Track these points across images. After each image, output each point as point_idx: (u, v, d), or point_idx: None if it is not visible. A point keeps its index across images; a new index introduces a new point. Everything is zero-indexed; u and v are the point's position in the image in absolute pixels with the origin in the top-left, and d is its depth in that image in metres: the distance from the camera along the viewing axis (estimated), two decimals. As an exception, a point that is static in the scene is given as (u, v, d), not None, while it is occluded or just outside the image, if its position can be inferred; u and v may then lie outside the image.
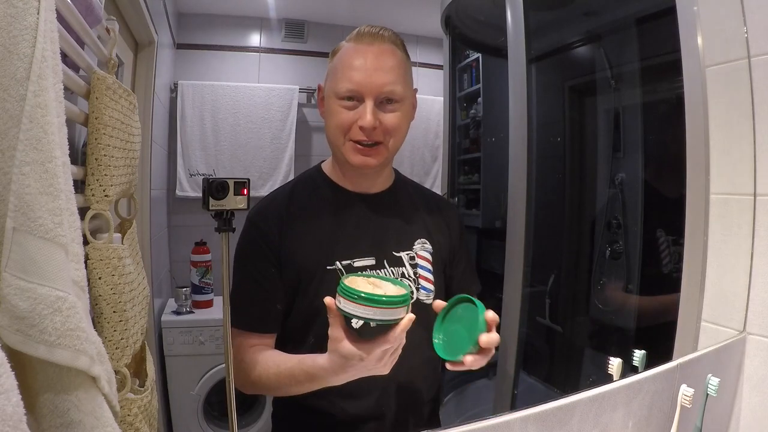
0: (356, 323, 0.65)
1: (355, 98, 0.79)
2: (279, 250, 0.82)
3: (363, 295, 0.60)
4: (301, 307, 0.82)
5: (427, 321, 0.84)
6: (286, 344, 0.86)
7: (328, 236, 0.84)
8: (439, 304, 0.74)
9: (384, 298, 0.61)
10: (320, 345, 0.71)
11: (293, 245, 0.82)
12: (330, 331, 0.66)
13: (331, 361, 0.67)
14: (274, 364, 0.77)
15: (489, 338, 0.65)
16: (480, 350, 0.67)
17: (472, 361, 0.66)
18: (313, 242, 0.83)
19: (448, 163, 2.11)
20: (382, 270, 0.84)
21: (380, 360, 0.65)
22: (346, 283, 0.63)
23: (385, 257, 0.85)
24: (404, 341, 0.66)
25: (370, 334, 0.64)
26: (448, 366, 0.69)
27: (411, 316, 0.64)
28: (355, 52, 0.80)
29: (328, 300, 0.65)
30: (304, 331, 0.83)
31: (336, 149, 0.83)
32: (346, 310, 0.61)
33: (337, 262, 0.82)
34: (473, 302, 0.68)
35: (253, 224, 0.84)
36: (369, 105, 0.77)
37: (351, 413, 0.83)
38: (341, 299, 0.62)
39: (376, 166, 0.82)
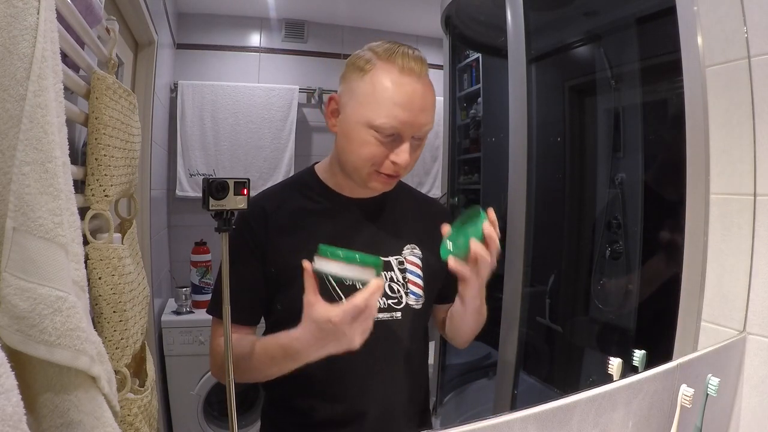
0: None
1: (393, 136, 0.76)
2: (263, 247, 0.82)
3: (339, 253, 0.66)
4: (282, 304, 0.83)
5: (415, 326, 0.83)
6: None
7: (313, 237, 0.83)
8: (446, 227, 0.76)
9: (357, 256, 0.66)
10: None
11: (278, 244, 0.82)
12: (305, 297, 0.68)
13: (304, 329, 0.68)
14: (249, 344, 0.78)
15: (490, 233, 0.70)
16: (485, 243, 0.71)
17: (476, 248, 0.70)
18: (298, 242, 0.82)
19: (448, 163, 2.11)
20: None
21: (350, 326, 0.66)
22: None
23: None
24: (375, 312, 0.67)
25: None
26: (451, 263, 0.72)
27: (379, 280, 0.66)
28: (401, 83, 0.74)
29: (305, 263, 0.67)
30: (285, 329, 0.82)
31: (355, 173, 0.81)
32: (319, 267, 0.66)
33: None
34: (479, 209, 0.73)
35: (242, 219, 0.83)
36: (407, 145, 0.76)
37: (335, 415, 0.83)
38: (317, 259, 0.67)
39: (391, 187, 0.84)
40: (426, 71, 0.77)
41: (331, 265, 0.65)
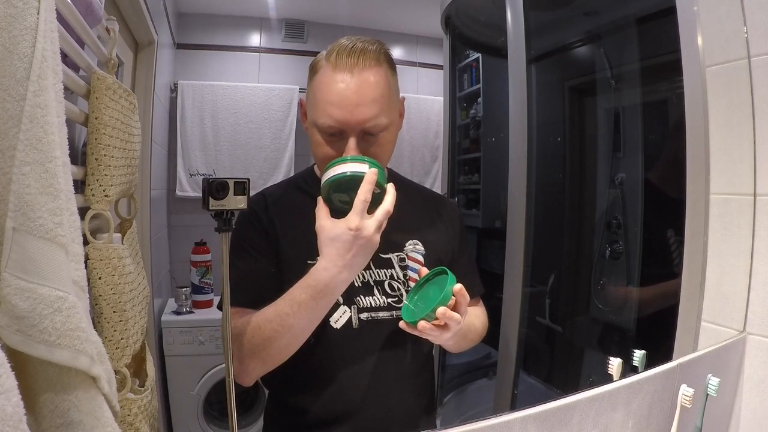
0: (338, 318, 0.68)
1: (337, 134, 0.75)
2: (267, 236, 0.82)
3: (332, 162, 0.71)
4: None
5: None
6: None
7: (312, 232, 0.81)
8: (424, 271, 0.76)
9: (348, 157, 0.71)
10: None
11: (279, 237, 0.82)
12: (317, 224, 0.69)
13: (327, 255, 0.68)
14: (272, 304, 0.73)
15: (444, 312, 0.66)
16: (437, 321, 0.68)
17: (423, 327, 0.68)
18: (298, 236, 0.82)
19: (448, 163, 2.11)
20: (368, 271, 0.82)
21: (368, 224, 0.67)
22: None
23: (372, 258, 0.81)
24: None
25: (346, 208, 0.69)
26: (401, 324, 0.71)
27: (374, 170, 0.68)
28: (333, 81, 0.73)
29: (318, 197, 0.71)
30: None
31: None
32: (324, 179, 0.71)
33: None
34: (448, 274, 0.72)
35: (247, 212, 0.80)
36: (351, 143, 0.74)
37: (338, 415, 0.82)
38: (322, 180, 0.72)
39: None
40: (368, 58, 0.74)
41: (331, 172, 0.70)
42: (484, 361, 2.03)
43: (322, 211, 0.69)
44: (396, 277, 0.83)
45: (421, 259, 0.86)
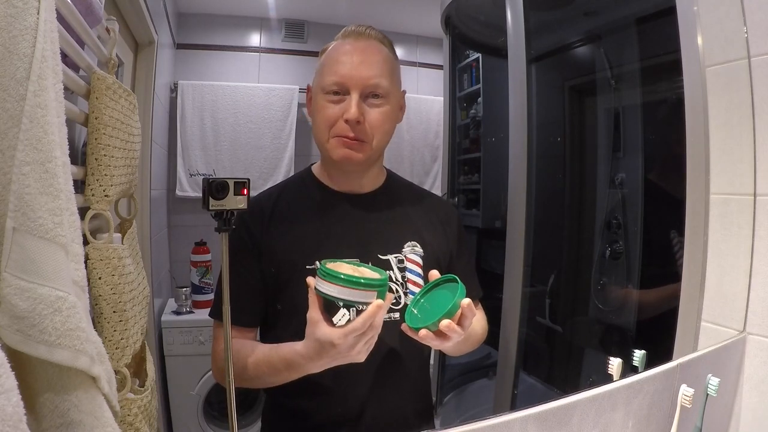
0: (339, 319, 0.66)
1: (341, 92, 0.79)
2: (261, 246, 0.82)
3: (331, 273, 0.64)
4: (280, 304, 0.82)
5: None
6: (266, 342, 0.86)
7: (310, 235, 0.83)
8: (434, 274, 0.74)
9: (342, 276, 0.63)
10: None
11: (275, 242, 0.82)
12: (308, 314, 0.67)
13: (307, 346, 0.68)
14: (252, 351, 0.77)
15: (448, 325, 0.65)
16: (438, 331, 0.67)
17: (424, 336, 0.67)
18: (295, 240, 0.82)
19: (448, 163, 2.11)
20: None
21: (352, 347, 0.65)
22: (327, 266, 0.66)
23: (370, 259, 0.83)
24: (378, 329, 0.66)
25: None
26: (403, 327, 0.70)
27: (379, 302, 0.64)
28: (341, 47, 0.82)
29: (309, 279, 0.67)
30: (283, 330, 0.82)
31: (321, 146, 0.83)
32: (319, 289, 0.65)
33: (318, 262, 0.80)
34: (458, 285, 0.69)
35: (239, 220, 0.82)
36: (354, 98, 0.78)
37: (335, 417, 0.82)
38: (318, 279, 0.66)
39: (360, 161, 0.82)
40: (373, 36, 0.83)
41: (329, 288, 0.64)
42: (484, 361, 2.03)
43: (314, 301, 0.67)
44: (395, 279, 0.83)
45: (419, 261, 0.85)
